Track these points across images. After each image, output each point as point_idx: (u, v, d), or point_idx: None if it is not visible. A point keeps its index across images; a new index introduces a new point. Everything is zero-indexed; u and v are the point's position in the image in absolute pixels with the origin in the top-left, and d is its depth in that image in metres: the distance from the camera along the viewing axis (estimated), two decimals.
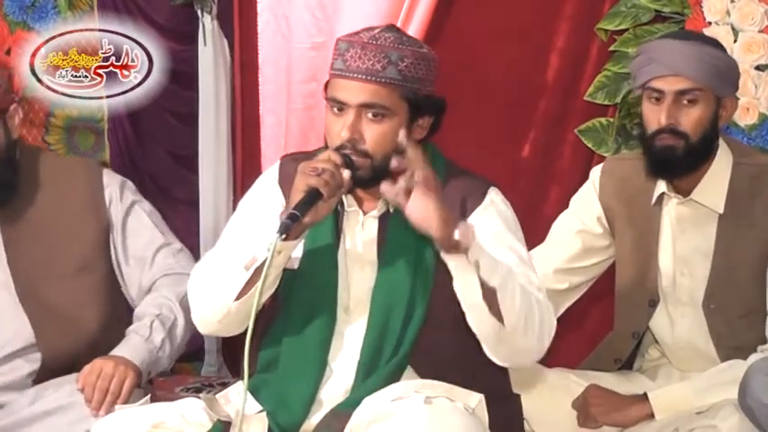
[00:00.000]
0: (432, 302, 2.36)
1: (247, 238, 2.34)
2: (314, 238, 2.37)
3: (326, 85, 2.40)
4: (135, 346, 2.75)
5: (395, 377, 2.35)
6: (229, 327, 2.37)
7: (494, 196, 2.43)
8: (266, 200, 2.45)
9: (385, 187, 2.17)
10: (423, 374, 2.36)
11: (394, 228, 2.39)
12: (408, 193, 2.15)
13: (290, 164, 2.45)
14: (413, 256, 2.37)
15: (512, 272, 2.24)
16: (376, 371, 2.35)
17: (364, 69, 2.32)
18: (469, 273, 2.17)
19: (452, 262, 2.18)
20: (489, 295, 2.18)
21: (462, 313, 2.27)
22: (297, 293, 2.40)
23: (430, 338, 2.36)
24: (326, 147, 2.37)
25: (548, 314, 2.29)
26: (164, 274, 2.90)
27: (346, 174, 2.28)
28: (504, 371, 2.48)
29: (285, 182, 2.43)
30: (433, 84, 2.42)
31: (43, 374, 2.79)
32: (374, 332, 2.36)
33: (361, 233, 2.42)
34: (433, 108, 2.41)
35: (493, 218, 2.39)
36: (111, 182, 2.92)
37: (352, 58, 2.33)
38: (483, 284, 2.17)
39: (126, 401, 2.60)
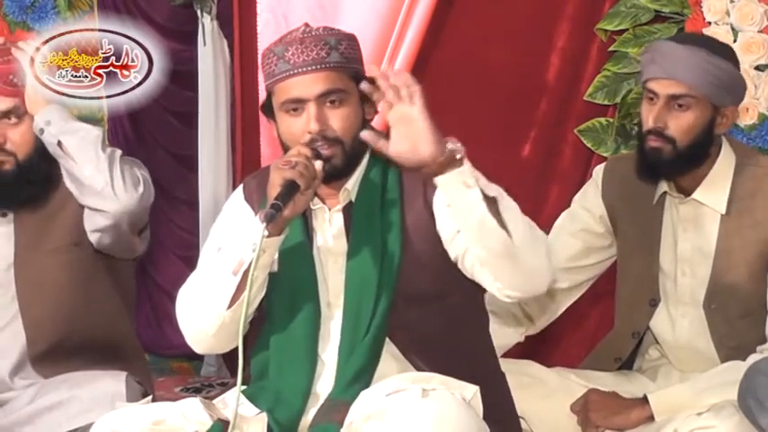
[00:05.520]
0: (401, 279, 2.38)
1: (229, 247, 2.36)
2: (287, 240, 2.38)
3: (269, 97, 2.41)
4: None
5: (374, 352, 2.38)
6: (224, 340, 2.39)
7: None
8: (237, 216, 2.48)
9: (366, 134, 2.23)
10: (404, 349, 2.40)
11: (357, 216, 2.42)
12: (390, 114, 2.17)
13: (252, 180, 2.52)
14: (377, 239, 2.40)
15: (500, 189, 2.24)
16: (355, 350, 2.37)
17: (311, 60, 2.35)
18: (470, 185, 2.17)
19: (449, 180, 2.18)
20: (492, 208, 2.18)
21: (436, 288, 2.34)
22: (279, 297, 2.43)
23: (405, 313, 2.39)
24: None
25: (544, 238, 2.30)
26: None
27: (318, 164, 2.31)
28: (489, 345, 2.53)
29: (251, 196, 2.48)
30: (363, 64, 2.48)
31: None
32: (350, 316, 2.39)
33: (329, 229, 2.45)
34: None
35: None
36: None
37: (294, 55, 2.35)
38: (485, 196, 2.17)
39: None
